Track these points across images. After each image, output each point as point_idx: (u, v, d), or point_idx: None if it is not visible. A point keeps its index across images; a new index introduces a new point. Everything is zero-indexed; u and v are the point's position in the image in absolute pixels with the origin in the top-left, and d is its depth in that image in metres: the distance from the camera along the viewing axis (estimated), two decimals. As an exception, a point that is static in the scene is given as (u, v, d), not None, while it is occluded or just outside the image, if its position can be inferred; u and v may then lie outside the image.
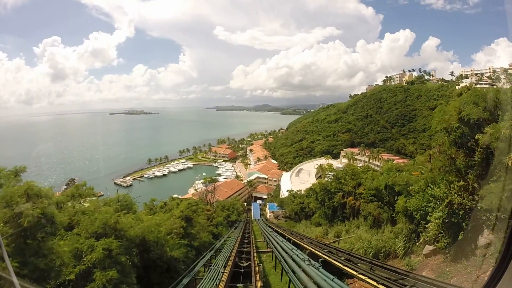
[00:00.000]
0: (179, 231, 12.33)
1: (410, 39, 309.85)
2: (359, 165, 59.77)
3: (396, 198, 14.42)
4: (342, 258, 10.81)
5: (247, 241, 20.37)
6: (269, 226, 31.96)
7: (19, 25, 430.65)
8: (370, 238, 13.74)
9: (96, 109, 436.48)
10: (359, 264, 9.60)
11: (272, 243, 16.60)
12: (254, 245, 18.42)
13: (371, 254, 12.83)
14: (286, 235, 20.29)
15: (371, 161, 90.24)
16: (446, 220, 9.25)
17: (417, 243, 10.62)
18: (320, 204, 27.50)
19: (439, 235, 10.14)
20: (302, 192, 45.40)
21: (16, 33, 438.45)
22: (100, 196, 18.40)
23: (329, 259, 9.90)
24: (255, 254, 13.76)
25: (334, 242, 19.51)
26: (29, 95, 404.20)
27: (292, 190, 52.19)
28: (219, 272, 10.07)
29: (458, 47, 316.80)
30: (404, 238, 11.69)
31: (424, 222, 11.04)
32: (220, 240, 20.70)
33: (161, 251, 9.26)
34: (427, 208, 10.84)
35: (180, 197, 44.69)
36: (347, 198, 23.32)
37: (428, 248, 10.95)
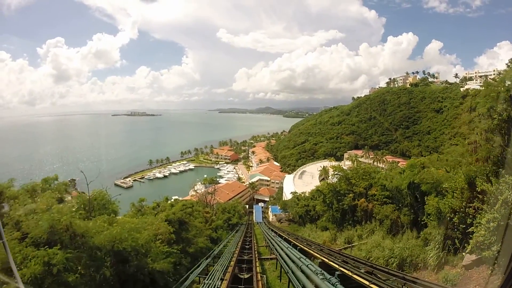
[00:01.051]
0: (164, 237, 10.32)
1: (413, 42, 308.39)
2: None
3: (422, 198, 12.44)
4: (362, 270, 8.88)
5: (248, 246, 18.46)
6: (272, 230, 30.07)
7: (22, 26, 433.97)
8: (392, 246, 11.72)
9: (99, 110, 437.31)
10: (388, 281, 7.64)
11: (276, 250, 14.73)
12: (256, 251, 16.50)
13: (394, 265, 10.85)
14: (292, 240, 18.31)
15: (375, 163, 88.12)
16: (502, 223, 7.31)
17: (463, 252, 8.62)
18: (327, 207, 25.45)
19: (485, 241, 8.22)
20: (307, 194, 43.48)
21: (20, 34, 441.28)
22: None
23: (350, 274, 7.95)
24: (257, 264, 11.84)
25: (345, 249, 17.54)
26: (32, 95, 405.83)
27: (295, 192, 50.17)
28: (215, 287, 8.24)
29: (460, 50, 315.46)
30: (437, 246, 9.69)
31: (464, 226, 9.09)
32: (219, 246, 18.87)
33: (141, 262, 7.33)
34: (467, 209, 8.90)
35: (180, 198, 42.89)
36: (358, 200, 21.27)
37: (470, 258, 8.97)
